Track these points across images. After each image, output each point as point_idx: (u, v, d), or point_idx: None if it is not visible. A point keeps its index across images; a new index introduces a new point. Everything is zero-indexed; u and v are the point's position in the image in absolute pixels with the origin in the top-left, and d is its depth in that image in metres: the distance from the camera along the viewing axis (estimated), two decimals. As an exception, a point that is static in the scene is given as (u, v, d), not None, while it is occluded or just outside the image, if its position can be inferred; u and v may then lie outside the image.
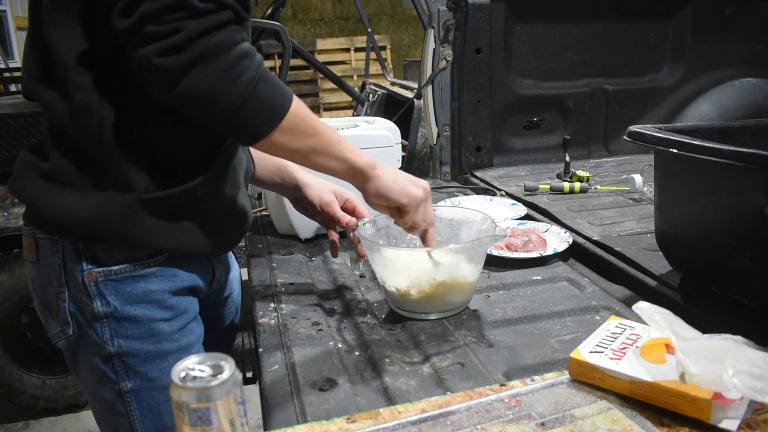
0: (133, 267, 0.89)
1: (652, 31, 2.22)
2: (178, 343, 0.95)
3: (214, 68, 0.74)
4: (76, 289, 0.89)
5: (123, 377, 0.92)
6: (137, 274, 0.90)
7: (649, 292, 1.15)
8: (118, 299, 0.89)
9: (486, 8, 1.98)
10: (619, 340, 0.83)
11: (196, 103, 0.76)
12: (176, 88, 0.74)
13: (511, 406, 0.75)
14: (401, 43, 7.94)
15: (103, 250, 0.88)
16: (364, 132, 1.45)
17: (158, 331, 0.92)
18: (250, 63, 0.77)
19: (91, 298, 0.89)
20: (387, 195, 0.94)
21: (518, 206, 1.64)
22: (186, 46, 0.72)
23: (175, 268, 0.93)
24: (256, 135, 0.81)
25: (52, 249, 0.89)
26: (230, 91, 0.75)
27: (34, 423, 2.58)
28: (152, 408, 0.94)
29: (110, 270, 0.88)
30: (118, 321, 0.90)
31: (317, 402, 0.82)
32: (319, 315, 1.09)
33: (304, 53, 3.18)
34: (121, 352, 0.91)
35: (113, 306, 0.89)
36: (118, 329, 0.90)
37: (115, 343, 0.90)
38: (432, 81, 2.40)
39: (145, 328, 0.91)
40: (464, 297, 1.07)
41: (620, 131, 1.29)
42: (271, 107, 0.80)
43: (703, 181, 0.99)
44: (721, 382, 0.69)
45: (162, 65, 0.72)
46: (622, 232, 1.41)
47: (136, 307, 0.90)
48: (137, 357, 0.91)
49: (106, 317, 0.89)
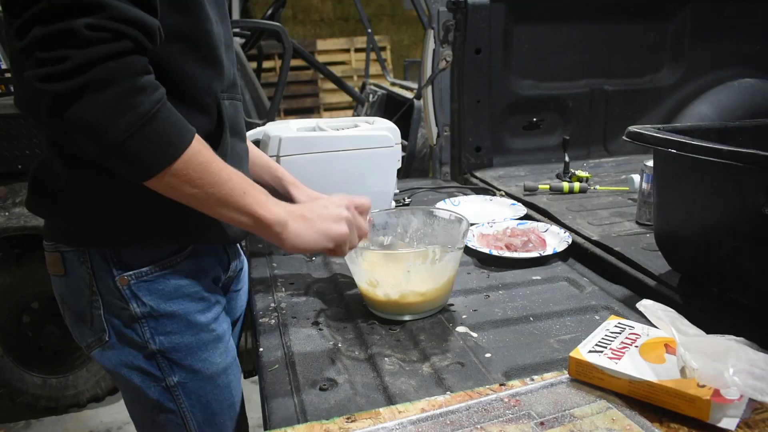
0: (162, 266, 0.92)
1: (651, 31, 2.23)
2: (215, 332, 0.98)
3: (102, 98, 0.70)
4: (109, 296, 0.91)
5: (168, 372, 0.94)
6: (167, 272, 0.92)
7: (648, 291, 1.15)
8: (153, 298, 0.91)
9: (486, 9, 1.99)
10: (619, 340, 0.83)
11: (79, 132, 0.72)
12: (61, 115, 0.70)
13: (511, 405, 0.76)
14: (401, 44, 7.94)
15: (129, 254, 0.90)
16: (364, 132, 1.46)
17: (195, 322, 0.95)
18: (145, 98, 0.73)
19: (127, 301, 0.91)
20: (309, 247, 0.90)
21: (518, 206, 1.65)
22: (71, 74, 0.69)
23: (199, 260, 0.96)
24: (142, 173, 0.76)
25: (79, 260, 0.90)
26: (116, 123, 0.71)
27: (35, 422, 2.58)
28: (200, 398, 0.97)
29: (141, 272, 0.90)
30: (156, 319, 0.92)
31: (317, 401, 0.82)
32: (319, 315, 1.09)
33: (304, 54, 3.18)
34: (164, 348, 0.93)
35: (149, 306, 0.91)
36: (158, 327, 0.92)
37: (157, 340, 0.93)
38: (432, 81, 2.40)
39: (183, 322, 0.94)
40: (438, 303, 1.07)
41: (619, 131, 1.29)
42: (163, 146, 0.75)
43: (702, 182, 1.00)
44: (721, 379, 0.69)
45: (46, 90, 0.69)
46: (621, 232, 1.41)
47: (172, 303, 0.93)
48: (180, 351, 0.94)
49: (144, 317, 0.92)
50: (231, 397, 1.02)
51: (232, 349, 1.03)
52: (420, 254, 1.01)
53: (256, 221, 0.85)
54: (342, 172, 1.42)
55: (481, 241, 1.38)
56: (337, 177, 1.41)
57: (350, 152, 1.42)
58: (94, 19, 0.69)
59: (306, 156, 1.38)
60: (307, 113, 7.03)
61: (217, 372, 0.98)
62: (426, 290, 1.03)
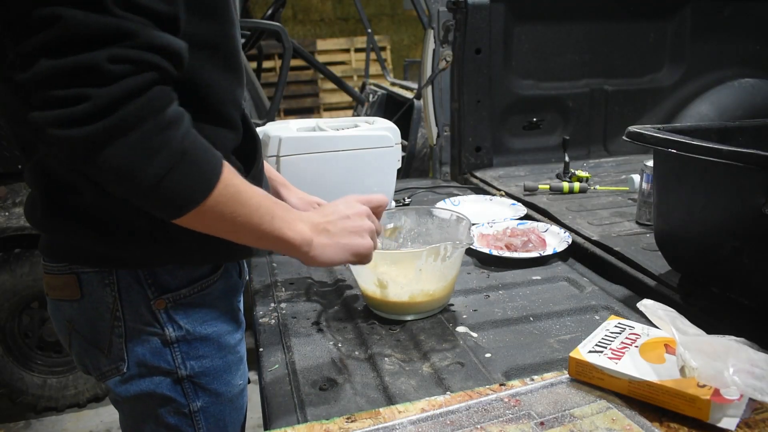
0: (201, 286, 0.85)
1: (651, 31, 2.23)
2: (239, 353, 0.93)
3: (130, 141, 0.63)
4: (135, 321, 0.83)
5: (193, 398, 0.87)
6: (205, 292, 0.86)
7: (648, 291, 1.15)
8: (190, 322, 0.85)
9: (486, 9, 1.99)
10: (619, 340, 0.83)
11: (106, 177, 0.66)
12: (84, 162, 0.63)
13: (511, 405, 0.76)
14: (401, 44, 7.93)
15: (166, 273, 0.82)
16: (364, 132, 1.46)
17: (225, 344, 0.89)
18: (174, 133, 0.66)
19: (162, 326, 0.83)
20: (333, 262, 0.87)
21: (518, 206, 1.65)
22: (94, 117, 0.60)
23: (228, 279, 0.90)
24: (174, 212, 0.70)
25: (103, 282, 0.81)
26: (147, 166, 0.64)
27: (35, 422, 2.58)
28: (218, 421, 0.91)
29: (179, 294, 0.83)
30: (189, 343, 0.85)
31: (317, 401, 0.82)
32: (319, 315, 1.09)
33: (304, 54, 3.18)
34: (194, 373, 0.86)
35: (185, 329, 0.84)
36: (190, 351, 0.85)
37: (188, 365, 0.86)
38: (432, 81, 2.40)
39: (215, 344, 0.88)
40: (442, 302, 1.07)
41: (619, 131, 1.29)
42: (196, 182, 0.69)
43: (702, 182, 1.00)
44: (721, 379, 0.69)
45: (62, 137, 0.61)
46: (621, 232, 1.41)
47: (206, 326, 0.86)
48: (208, 375, 0.88)
49: (177, 342, 0.84)
50: (241, 417, 0.98)
51: (247, 371, 0.98)
52: (432, 251, 1.00)
53: (285, 243, 0.81)
54: (342, 172, 1.42)
55: (481, 241, 1.38)
56: (337, 177, 1.41)
57: (350, 152, 1.42)
58: (119, 49, 0.60)
59: (306, 156, 1.38)
60: (307, 113, 7.03)
61: (237, 394, 0.93)
62: (435, 289, 1.03)
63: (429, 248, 0.99)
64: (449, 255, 1.00)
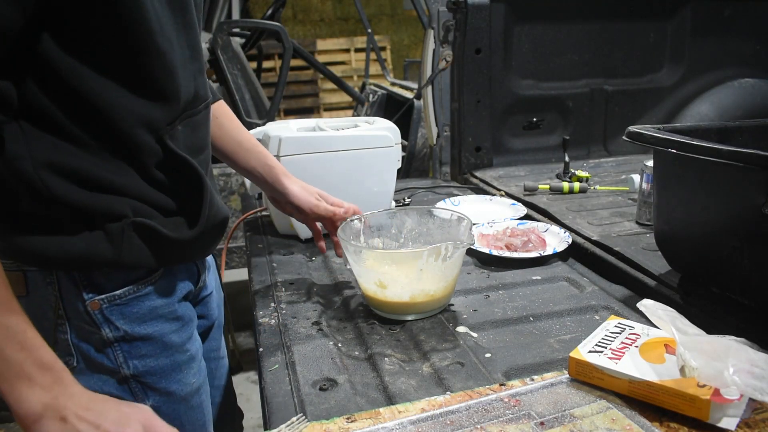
0: (136, 288, 0.86)
1: (651, 31, 2.23)
2: (189, 352, 0.94)
3: None
4: (78, 320, 0.84)
5: (142, 397, 0.89)
6: (141, 294, 0.87)
7: (648, 291, 1.15)
8: (127, 322, 0.86)
9: (486, 9, 1.99)
10: (619, 340, 0.83)
11: None
12: None
13: (511, 405, 0.76)
14: (401, 44, 7.94)
15: (101, 276, 0.84)
16: (364, 132, 1.46)
17: (170, 344, 0.90)
18: None
19: (98, 326, 0.84)
20: None
21: (518, 206, 1.65)
22: None
23: (172, 279, 0.91)
24: None
25: (45, 281, 0.83)
26: None
27: (34, 423, 2.58)
28: (173, 421, 0.88)
29: (114, 295, 0.85)
30: (130, 343, 0.87)
31: (317, 401, 0.82)
32: (319, 315, 1.09)
33: (304, 54, 3.19)
34: (138, 372, 0.88)
35: (123, 330, 0.86)
36: (131, 350, 0.87)
37: (131, 365, 0.87)
38: (432, 81, 2.40)
39: (158, 344, 0.89)
40: (443, 302, 1.07)
41: (619, 131, 1.30)
42: None
43: (702, 182, 1.00)
44: (721, 378, 0.69)
45: None
46: (621, 232, 1.41)
47: (146, 326, 0.88)
48: (154, 374, 0.89)
49: (117, 341, 0.86)
50: (203, 417, 0.98)
51: (204, 369, 1.00)
52: (434, 251, 1.00)
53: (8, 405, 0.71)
54: (342, 172, 1.42)
55: (481, 241, 1.38)
56: (337, 177, 1.41)
57: (350, 152, 1.42)
58: None
59: (306, 156, 1.38)
60: (307, 113, 7.03)
61: (191, 392, 0.94)
62: (436, 289, 1.03)
63: (430, 248, 0.99)
64: (450, 255, 1.00)
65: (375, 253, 1.10)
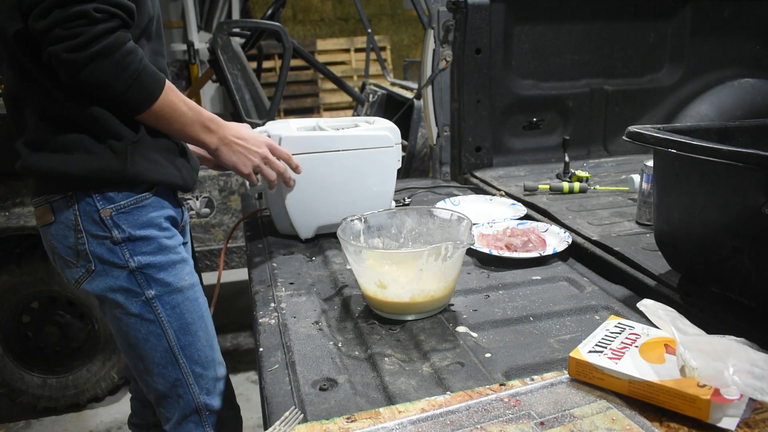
0: (136, 200, 1.15)
1: (651, 31, 2.23)
2: (181, 254, 1.22)
3: (107, 63, 1.01)
4: (93, 229, 1.13)
5: (146, 286, 1.17)
6: (140, 205, 1.16)
7: (648, 291, 1.15)
8: (130, 226, 1.15)
9: (486, 9, 1.99)
10: (619, 340, 0.83)
11: (94, 87, 1.03)
12: (80, 76, 1.00)
13: (511, 405, 0.76)
14: (401, 44, 7.93)
15: (111, 191, 1.13)
16: (364, 132, 1.46)
17: (165, 245, 1.18)
18: (134, 58, 1.04)
19: (109, 229, 1.13)
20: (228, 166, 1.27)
21: (518, 206, 1.65)
22: (85, 46, 0.98)
23: (163, 200, 1.20)
24: (136, 110, 1.09)
25: (67, 204, 1.13)
26: (119, 79, 1.03)
27: (35, 422, 2.58)
28: (174, 308, 1.19)
29: (120, 204, 1.14)
30: (133, 242, 1.15)
31: (317, 401, 0.82)
32: (319, 315, 1.09)
33: (304, 54, 3.18)
34: (141, 265, 1.16)
35: (128, 232, 1.14)
36: (135, 248, 1.15)
37: (135, 260, 1.15)
38: (432, 81, 2.40)
39: (155, 244, 1.17)
40: (443, 302, 1.07)
41: (619, 131, 1.30)
42: (149, 91, 1.07)
43: (702, 182, 1.00)
44: (721, 378, 0.69)
45: (68, 59, 0.98)
46: (621, 232, 1.41)
47: (145, 230, 1.16)
48: (154, 267, 1.17)
49: (123, 241, 1.14)
50: (200, 310, 1.24)
51: (195, 275, 1.26)
52: (433, 251, 1.00)
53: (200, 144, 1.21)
54: (342, 172, 1.42)
55: (481, 241, 1.38)
56: (337, 177, 1.41)
57: (350, 152, 1.42)
58: (99, 4, 0.99)
59: (306, 155, 1.38)
60: (307, 113, 7.02)
61: (186, 286, 1.21)
62: (436, 289, 1.03)
63: (430, 248, 0.99)
64: (450, 255, 1.00)
65: (375, 253, 1.09)
